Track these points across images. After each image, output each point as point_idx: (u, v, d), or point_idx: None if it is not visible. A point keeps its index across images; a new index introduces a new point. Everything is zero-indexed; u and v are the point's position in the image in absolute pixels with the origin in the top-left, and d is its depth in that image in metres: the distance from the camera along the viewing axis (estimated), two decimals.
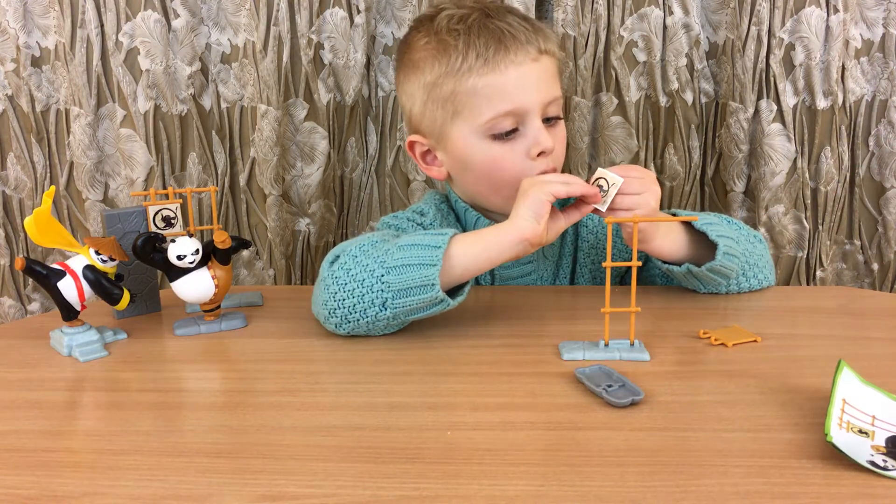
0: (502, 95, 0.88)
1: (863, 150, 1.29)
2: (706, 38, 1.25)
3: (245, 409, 0.66)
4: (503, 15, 0.91)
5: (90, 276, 0.77)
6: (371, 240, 0.81)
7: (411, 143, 0.97)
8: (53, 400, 0.69)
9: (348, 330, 0.80)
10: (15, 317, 1.38)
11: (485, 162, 0.91)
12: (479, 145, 0.90)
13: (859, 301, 0.93)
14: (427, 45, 0.91)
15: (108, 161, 1.30)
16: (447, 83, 0.89)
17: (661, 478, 0.54)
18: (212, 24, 1.25)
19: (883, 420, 0.60)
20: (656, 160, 1.30)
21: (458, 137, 0.91)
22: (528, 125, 0.89)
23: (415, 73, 0.93)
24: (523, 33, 0.89)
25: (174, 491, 0.54)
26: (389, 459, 0.57)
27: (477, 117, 0.89)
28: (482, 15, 0.90)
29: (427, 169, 0.98)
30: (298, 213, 1.33)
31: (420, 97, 0.93)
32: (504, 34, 0.88)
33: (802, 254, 1.31)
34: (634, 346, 0.75)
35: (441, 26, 0.90)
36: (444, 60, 0.89)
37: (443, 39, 0.90)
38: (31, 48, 1.26)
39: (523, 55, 0.89)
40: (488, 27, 0.89)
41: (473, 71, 0.88)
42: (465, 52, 0.88)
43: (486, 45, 0.88)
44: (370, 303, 0.77)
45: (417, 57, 0.92)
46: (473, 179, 0.94)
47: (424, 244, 0.77)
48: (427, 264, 0.76)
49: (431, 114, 0.92)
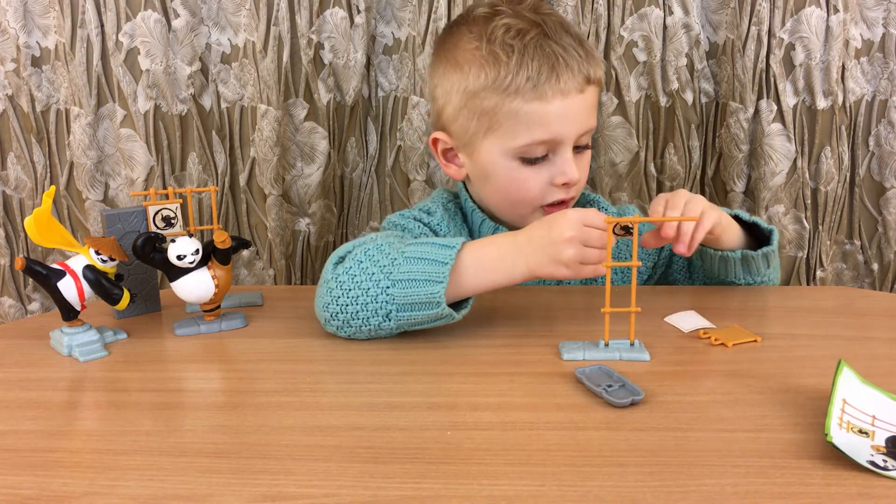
0: (542, 124, 0.87)
1: (863, 150, 1.29)
2: (706, 38, 1.25)
3: (245, 409, 0.66)
4: (560, 35, 0.88)
5: (90, 276, 0.77)
6: (377, 244, 0.79)
7: (434, 140, 0.96)
8: (53, 400, 0.69)
9: (349, 334, 0.79)
10: (15, 317, 1.38)
11: (507, 180, 0.91)
12: (505, 164, 0.90)
13: (859, 301, 0.93)
14: (477, 49, 0.89)
15: (108, 161, 1.30)
16: (490, 98, 0.88)
17: (661, 478, 0.54)
18: (212, 24, 1.25)
19: (883, 420, 0.60)
20: (656, 160, 1.30)
21: (487, 151, 0.91)
22: (558, 154, 0.89)
23: (456, 74, 0.91)
24: (576, 60, 0.87)
25: (174, 491, 0.54)
26: (389, 459, 0.57)
27: (511, 139, 0.88)
28: (540, 34, 0.88)
29: (446, 166, 0.97)
30: (298, 213, 1.33)
31: (457, 100, 0.91)
32: (558, 60, 0.86)
33: (802, 254, 1.31)
34: (634, 346, 0.75)
35: (496, 36, 0.88)
36: (491, 74, 0.87)
37: (495, 51, 0.87)
38: (31, 48, 1.26)
39: (571, 84, 0.87)
40: (544, 49, 0.87)
41: (520, 94, 0.86)
42: (515, 72, 0.86)
43: (539, 70, 0.86)
44: (373, 312, 0.77)
45: (463, 59, 0.90)
46: (492, 191, 0.94)
47: (432, 258, 0.76)
48: (434, 281, 0.75)
49: (465, 121, 0.91)
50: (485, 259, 0.79)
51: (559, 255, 0.76)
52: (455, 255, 0.76)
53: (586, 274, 0.76)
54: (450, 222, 0.98)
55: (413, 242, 0.79)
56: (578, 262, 0.76)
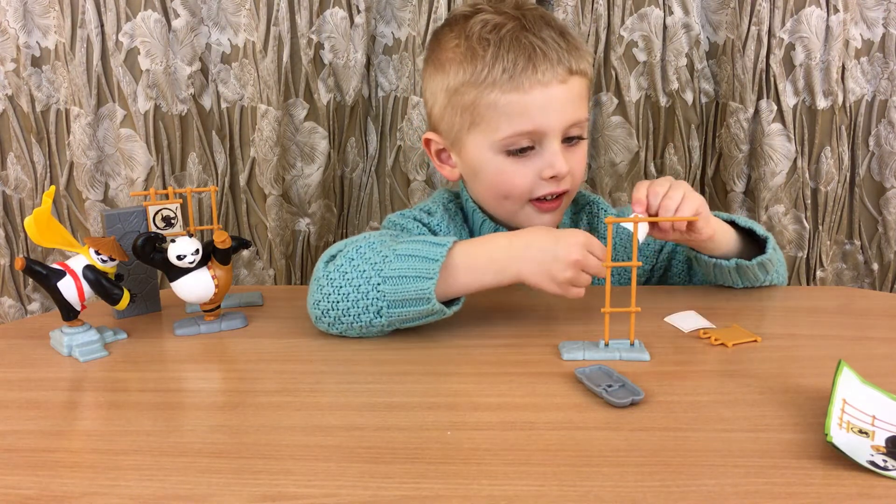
0: (523, 115, 0.87)
1: (863, 150, 1.29)
2: (706, 38, 1.25)
3: (245, 409, 0.66)
4: (539, 28, 0.88)
5: (90, 276, 0.77)
6: (369, 242, 0.80)
7: (427, 140, 0.97)
8: (53, 400, 0.69)
9: (340, 331, 0.80)
10: (15, 317, 1.38)
11: (494, 174, 0.90)
12: (491, 158, 0.90)
13: (859, 301, 0.93)
14: (456, 47, 0.89)
15: (108, 161, 1.30)
16: (469, 92, 0.88)
17: (661, 478, 0.54)
18: (212, 24, 1.25)
19: (883, 420, 0.60)
20: (656, 160, 1.30)
21: (473, 147, 0.91)
22: (545, 146, 0.88)
23: (439, 74, 0.91)
24: (556, 51, 0.87)
25: (174, 491, 0.54)
26: (389, 459, 0.57)
27: (494, 132, 0.88)
28: (518, 27, 0.87)
29: (440, 167, 0.97)
30: (298, 213, 1.33)
31: (441, 99, 0.91)
32: (535, 51, 0.86)
33: (802, 254, 1.31)
34: (634, 346, 0.75)
35: (473, 31, 0.88)
36: (469, 68, 0.87)
37: (472, 46, 0.87)
38: (31, 48, 1.26)
39: (551, 75, 0.86)
40: (520, 41, 0.86)
41: (497, 86, 0.86)
42: (491, 65, 0.86)
43: (515, 62, 0.86)
44: (364, 309, 0.77)
45: (444, 58, 0.91)
46: (481, 188, 0.94)
47: (422, 255, 0.76)
48: (424, 277, 0.75)
49: (450, 118, 0.91)
50: (476, 258, 0.79)
51: (558, 273, 0.77)
52: (446, 252, 0.77)
53: (570, 295, 0.78)
54: (450, 222, 0.97)
55: (405, 240, 0.79)
56: (570, 285, 0.77)
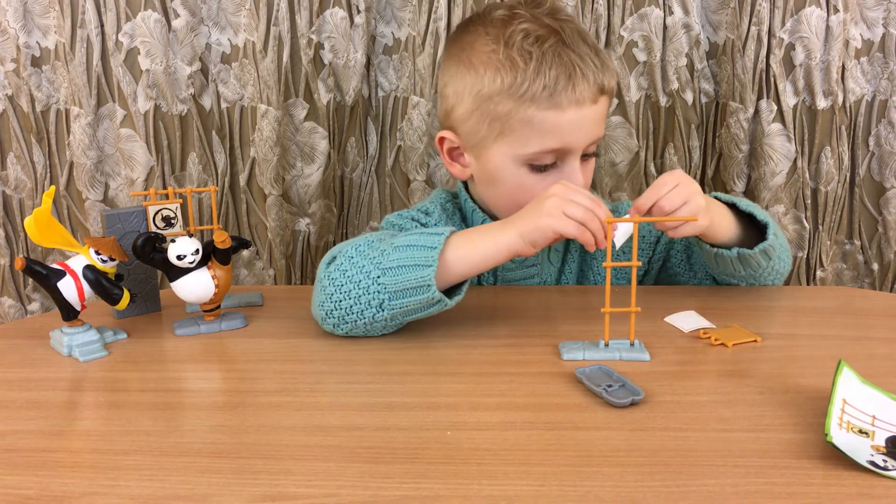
0: (554, 133, 0.87)
1: (863, 150, 1.29)
2: (706, 38, 1.25)
3: (245, 409, 0.66)
4: (577, 43, 0.88)
5: (90, 276, 0.77)
6: (367, 240, 0.81)
7: (441, 139, 0.96)
8: (53, 400, 0.69)
9: (346, 330, 0.80)
10: (15, 317, 1.38)
11: (515, 186, 0.91)
12: (513, 170, 0.90)
13: (859, 301, 0.93)
14: (493, 53, 0.88)
15: (108, 161, 1.30)
16: (504, 103, 0.87)
17: (661, 478, 0.54)
18: (212, 24, 1.25)
19: (883, 420, 0.60)
20: (656, 160, 1.30)
21: (497, 155, 0.90)
22: (566, 162, 0.89)
23: (470, 75, 0.90)
24: (592, 70, 0.87)
25: (174, 491, 0.54)
26: (389, 459, 0.57)
27: (522, 146, 0.88)
28: (559, 42, 0.87)
29: (450, 165, 0.97)
30: (298, 213, 1.33)
31: (469, 102, 0.90)
32: (574, 70, 0.86)
33: (802, 254, 1.31)
34: (634, 346, 0.75)
35: (514, 40, 0.87)
36: (507, 79, 0.86)
37: (512, 56, 0.86)
38: (31, 48, 1.26)
39: (586, 94, 0.87)
40: (562, 58, 0.86)
41: (535, 101, 0.86)
42: (532, 79, 0.85)
43: (556, 79, 0.85)
44: (367, 304, 0.77)
45: (478, 60, 0.89)
46: (496, 195, 0.94)
47: (420, 244, 0.77)
48: (423, 265, 0.76)
49: (476, 123, 0.90)
50: (473, 238, 0.80)
51: (541, 206, 0.78)
52: (444, 240, 0.77)
53: (570, 229, 0.77)
54: (447, 222, 0.98)
55: (402, 234, 0.80)
56: (562, 213, 0.77)
